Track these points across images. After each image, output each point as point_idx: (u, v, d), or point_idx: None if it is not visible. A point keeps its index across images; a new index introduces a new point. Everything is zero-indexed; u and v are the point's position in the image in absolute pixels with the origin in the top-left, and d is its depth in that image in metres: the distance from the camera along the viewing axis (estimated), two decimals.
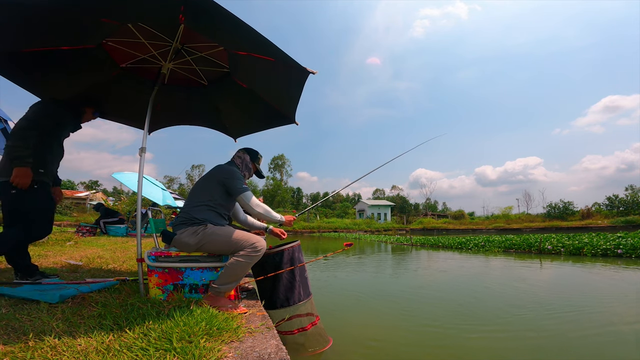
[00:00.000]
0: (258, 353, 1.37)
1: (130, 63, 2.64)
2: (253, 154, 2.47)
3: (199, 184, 2.27)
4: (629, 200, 30.78)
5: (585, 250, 8.72)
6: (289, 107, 2.87)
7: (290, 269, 2.37)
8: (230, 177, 2.20)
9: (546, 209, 34.35)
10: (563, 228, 27.46)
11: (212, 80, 2.90)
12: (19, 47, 2.18)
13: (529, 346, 2.61)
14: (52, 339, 1.33)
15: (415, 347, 2.67)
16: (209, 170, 2.32)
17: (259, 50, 2.21)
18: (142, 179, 2.29)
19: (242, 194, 2.17)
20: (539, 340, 2.70)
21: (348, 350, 2.53)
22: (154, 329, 1.48)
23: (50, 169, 2.35)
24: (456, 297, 4.30)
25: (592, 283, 5.28)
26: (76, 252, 4.83)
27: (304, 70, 2.21)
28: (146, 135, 2.35)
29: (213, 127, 3.43)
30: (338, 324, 3.14)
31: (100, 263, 3.77)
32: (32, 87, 2.58)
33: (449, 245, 12.33)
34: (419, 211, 50.75)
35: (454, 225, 34.45)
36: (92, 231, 9.22)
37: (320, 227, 32.15)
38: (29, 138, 2.12)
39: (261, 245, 2.03)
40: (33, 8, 1.86)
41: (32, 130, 2.16)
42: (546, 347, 2.58)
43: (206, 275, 2.09)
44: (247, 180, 2.46)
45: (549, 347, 2.57)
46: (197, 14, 1.88)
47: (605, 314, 3.43)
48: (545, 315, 3.41)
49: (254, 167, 2.47)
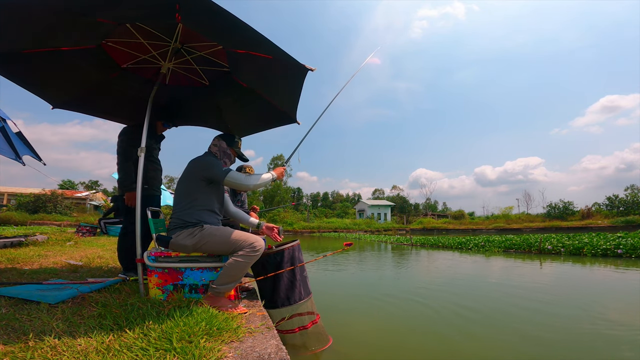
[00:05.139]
0: (258, 353, 1.37)
1: (130, 63, 2.64)
2: (229, 139, 2.36)
3: (181, 185, 2.18)
4: (629, 200, 30.76)
5: (585, 250, 8.72)
6: (290, 105, 2.87)
7: (291, 268, 2.37)
8: (207, 168, 2.13)
9: (546, 209, 34.37)
10: (563, 228, 27.46)
11: (213, 79, 2.90)
12: (19, 48, 2.18)
13: (529, 348, 2.61)
14: (52, 339, 1.33)
15: (414, 346, 2.67)
16: (186, 167, 2.22)
17: (256, 48, 2.20)
18: (142, 178, 2.28)
19: (226, 176, 2.09)
20: (539, 341, 2.70)
21: (348, 349, 2.53)
22: (154, 329, 1.48)
23: (152, 183, 2.90)
24: (456, 297, 4.30)
25: (592, 283, 5.28)
26: (76, 252, 4.83)
27: (302, 67, 2.21)
28: (146, 135, 2.35)
29: (214, 127, 3.42)
30: (338, 324, 3.14)
31: (100, 263, 3.77)
32: (32, 87, 2.58)
33: (449, 245, 12.33)
34: (419, 211, 50.73)
35: (454, 225, 34.44)
36: (92, 231, 9.22)
37: (320, 227, 32.16)
38: (128, 168, 2.74)
39: (260, 245, 2.02)
40: (33, 8, 1.86)
41: (127, 161, 2.75)
42: (547, 346, 2.57)
43: (206, 276, 2.08)
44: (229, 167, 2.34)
45: (550, 347, 2.57)
46: (193, 13, 1.87)
47: (605, 314, 3.43)
48: (545, 315, 3.41)
49: (233, 152, 2.38)
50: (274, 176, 2.27)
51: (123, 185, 2.76)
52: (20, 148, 4.10)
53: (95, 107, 3.05)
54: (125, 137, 2.82)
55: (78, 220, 20.79)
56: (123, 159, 2.77)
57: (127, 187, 2.73)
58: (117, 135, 2.85)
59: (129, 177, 2.71)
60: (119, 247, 2.86)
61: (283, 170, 2.35)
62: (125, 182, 2.74)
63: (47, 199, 25.64)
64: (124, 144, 2.79)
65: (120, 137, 2.83)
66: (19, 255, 3.99)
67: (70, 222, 21.97)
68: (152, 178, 2.90)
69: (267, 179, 2.22)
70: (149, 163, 2.86)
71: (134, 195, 2.65)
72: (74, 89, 2.73)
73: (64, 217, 24.49)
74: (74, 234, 8.41)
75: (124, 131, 2.86)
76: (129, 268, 2.76)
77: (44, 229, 12.36)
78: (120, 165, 2.78)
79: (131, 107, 3.03)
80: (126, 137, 2.82)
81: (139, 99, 2.83)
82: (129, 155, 2.75)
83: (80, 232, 8.98)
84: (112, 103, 3.01)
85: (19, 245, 5.06)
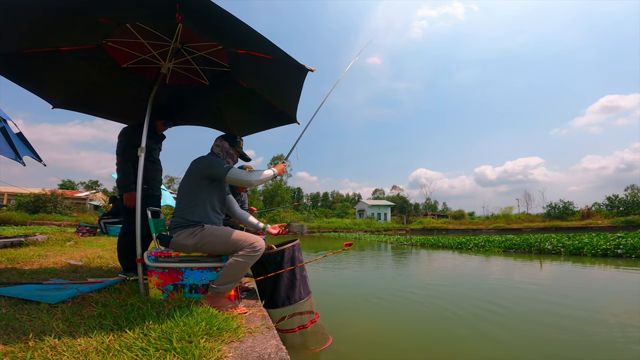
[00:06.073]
0: (258, 353, 1.37)
1: (131, 63, 2.64)
2: (231, 140, 2.38)
3: (184, 184, 2.20)
4: (629, 200, 30.75)
5: (585, 250, 8.71)
6: (290, 105, 2.87)
7: (291, 268, 2.37)
8: (209, 166, 2.14)
9: (546, 209, 34.34)
10: (563, 228, 27.44)
11: (213, 79, 2.90)
12: (19, 48, 2.18)
13: (530, 347, 2.61)
14: (52, 339, 1.33)
15: (414, 346, 2.67)
16: (189, 166, 2.23)
17: (256, 48, 2.21)
18: (142, 178, 2.28)
19: (228, 173, 2.09)
20: (540, 341, 2.70)
21: (347, 348, 2.53)
22: (154, 329, 1.48)
23: (152, 183, 2.90)
24: (456, 297, 4.30)
25: (592, 283, 5.28)
26: (76, 252, 4.84)
27: (302, 67, 2.21)
28: (146, 135, 2.35)
29: (214, 127, 3.42)
30: (337, 323, 3.14)
31: (100, 263, 3.77)
32: (33, 87, 2.58)
33: (449, 245, 12.33)
34: (419, 211, 50.72)
35: (454, 225, 34.44)
36: (92, 231, 9.22)
37: (320, 227, 32.15)
38: (126, 169, 2.74)
39: (260, 245, 2.02)
40: (33, 8, 1.86)
41: (126, 162, 2.75)
42: (546, 347, 2.57)
43: (206, 276, 2.09)
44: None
45: (550, 348, 2.57)
46: (193, 13, 1.87)
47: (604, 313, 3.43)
48: (546, 315, 3.41)
49: (235, 152, 2.40)
50: (276, 172, 2.27)
51: (122, 186, 2.77)
52: (20, 148, 4.10)
53: (96, 106, 3.06)
54: (124, 138, 2.82)
55: (78, 220, 20.80)
56: (122, 159, 2.78)
57: (126, 188, 2.74)
58: (117, 136, 2.85)
59: (128, 177, 2.72)
60: (119, 247, 2.86)
61: (284, 166, 2.36)
62: (124, 183, 2.75)
63: (47, 199, 25.64)
64: (123, 144, 2.79)
65: (119, 138, 2.83)
66: (19, 255, 3.99)
67: (70, 222, 21.97)
68: (151, 178, 2.90)
69: (269, 175, 2.22)
70: (148, 163, 2.85)
71: (132, 196, 2.68)
72: (74, 89, 2.73)
73: (64, 217, 24.50)
74: (74, 234, 8.41)
75: (124, 131, 2.86)
76: (129, 268, 2.76)
77: (44, 229, 12.36)
78: (120, 166, 2.78)
79: (131, 107, 3.03)
80: (125, 138, 2.82)
81: (139, 98, 2.84)
82: (128, 156, 2.75)
83: (80, 232, 8.98)
84: (112, 103, 3.01)
85: (19, 245, 5.07)
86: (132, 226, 2.24)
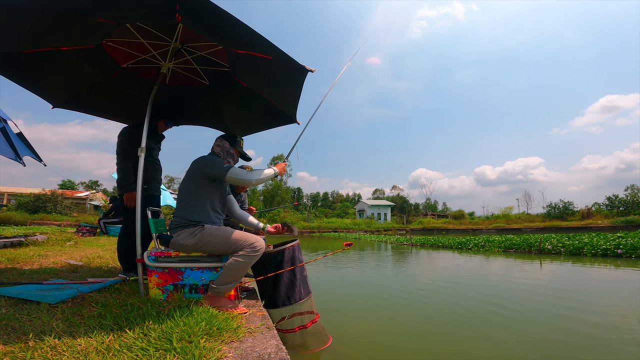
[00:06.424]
0: (258, 353, 1.37)
1: (131, 63, 2.64)
2: (232, 139, 2.39)
3: (185, 184, 2.20)
4: (628, 200, 30.76)
5: (585, 250, 8.71)
6: (290, 106, 2.87)
7: (291, 268, 2.37)
8: (210, 166, 2.14)
9: (546, 209, 34.37)
10: (563, 228, 27.45)
11: (213, 79, 2.90)
12: (20, 48, 2.18)
13: (530, 347, 2.61)
14: (52, 339, 1.33)
15: (414, 346, 2.67)
16: (189, 166, 2.23)
17: (256, 49, 2.21)
18: (142, 178, 2.28)
19: (228, 173, 2.09)
20: (540, 341, 2.70)
21: (348, 348, 2.53)
22: (154, 329, 1.48)
23: (152, 183, 2.90)
24: (456, 297, 4.30)
25: (592, 283, 5.28)
26: (76, 252, 4.84)
27: (302, 68, 2.20)
28: (146, 135, 2.35)
29: (214, 127, 3.42)
30: (338, 323, 3.14)
31: (100, 263, 3.77)
32: (33, 87, 2.58)
33: (449, 245, 12.33)
34: (419, 211, 50.71)
35: (454, 225, 34.44)
36: (92, 231, 9.22)
37: (320, 227, 32.16)
38: (126, 169, 2.74)
39: (260, 245, 2.02)
40: (33, 9, 1.86)
41: (126, 162, 2.75)
42: (547, 347, 2.57)
43: (206, 276, 2.08)
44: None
45: (550, 348, 2.57)
46: (193, 13, 1.87)
47: (604, 314, 3.43)
48: (546, 316, 3.41)
49: (236, 152, 2.40)
50: (276, 171, 2.26)
51: (122, 186, 2.77)
52: (20, 148, 4.10)
53: (96, 106, 3.06)
54: (124, 138, 2.83)
55: (78, 220, 20.81)
56: (122, 159, 2.78)
57: (126, 188, 2.74)
58: (117, 136, 2.86)
59: (128, 177, 2.73)
60: (119, 247, 2.86)
61: (284, 165, 2.35)
62: (123, 183, 2.75)
63: (47, 199, 25.66)
64: (123, 144, 2.80)
65: (119, 138, 2.84)
66: (19, 255, 3.99)
67: (70, 222, 21.99)
68: (151, 178, 2.91)
69: (269, 174, 2.22)
70: (148, 163, 2.85)
71: (132, 196, 2.68)
72: (74, 89, 2.73)
73: (64, 217, 24.51)
74: (74, 234, 8.41)
75: (123, 131, 2.86)
76: (129, 268, 2.76)
77: (44, 229, 12.35)
78: (119, 166, 2.79)
79: (131, 107, 3.03)
80: (125, 138, 2.82)
81: (139, 98, 2.84)
82: (127, 156, 2.76)
83: (80, 232, 8.98)
84: (112, 103, 3.01)
85: (19, 245, 5.07)
86: (132, 226, 2.24)
